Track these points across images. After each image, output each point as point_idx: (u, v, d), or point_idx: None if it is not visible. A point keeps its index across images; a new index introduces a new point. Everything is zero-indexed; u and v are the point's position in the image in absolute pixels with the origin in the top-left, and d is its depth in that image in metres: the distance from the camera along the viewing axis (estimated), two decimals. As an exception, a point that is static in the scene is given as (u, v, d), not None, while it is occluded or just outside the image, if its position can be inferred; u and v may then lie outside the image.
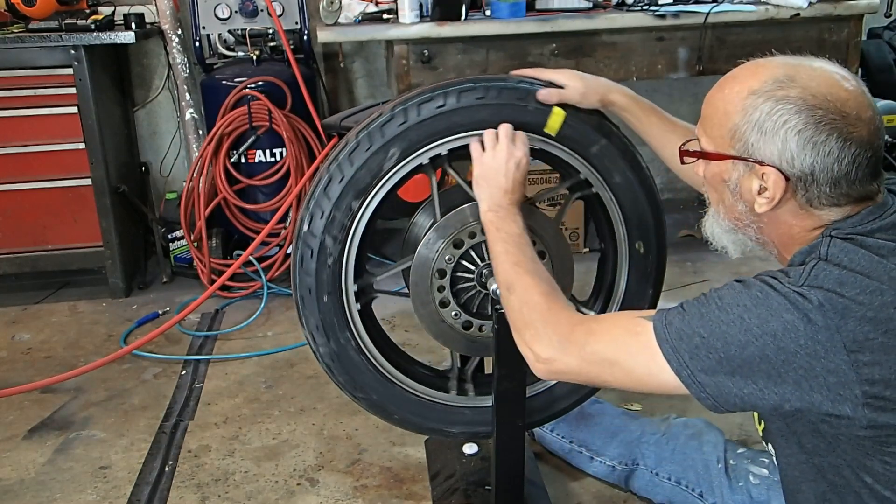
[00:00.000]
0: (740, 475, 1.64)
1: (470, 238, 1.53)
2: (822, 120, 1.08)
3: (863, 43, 3.16)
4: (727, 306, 1.10)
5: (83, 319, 2.91)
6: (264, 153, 3.06)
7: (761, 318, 1.06)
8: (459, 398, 1.65)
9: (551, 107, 1.49)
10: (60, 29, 2.81)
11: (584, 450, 1.87)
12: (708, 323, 1.10)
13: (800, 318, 1.04)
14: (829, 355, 1.04)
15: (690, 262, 3.13)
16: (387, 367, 1.60)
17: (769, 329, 1.06)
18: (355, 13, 2.88)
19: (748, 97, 1.13)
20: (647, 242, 1.60)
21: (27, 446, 2.14)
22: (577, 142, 1.52)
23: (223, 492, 1.92)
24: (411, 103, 1.46)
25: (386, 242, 3.43)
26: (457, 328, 1.58)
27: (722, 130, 1.17)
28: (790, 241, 1.18)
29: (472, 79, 1.48)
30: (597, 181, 1.56)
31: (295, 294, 1.54)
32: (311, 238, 1.49)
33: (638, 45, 2.87)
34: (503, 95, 1.47)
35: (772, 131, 1.10)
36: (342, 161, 1.47)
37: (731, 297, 1.11)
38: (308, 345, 1.58)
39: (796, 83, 1.10)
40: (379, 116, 1.47)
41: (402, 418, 1.64)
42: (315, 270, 1.50)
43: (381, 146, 1.46)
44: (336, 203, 1.47)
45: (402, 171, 1.49)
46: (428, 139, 1.47)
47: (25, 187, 2.95)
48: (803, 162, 1.09)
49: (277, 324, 2.82)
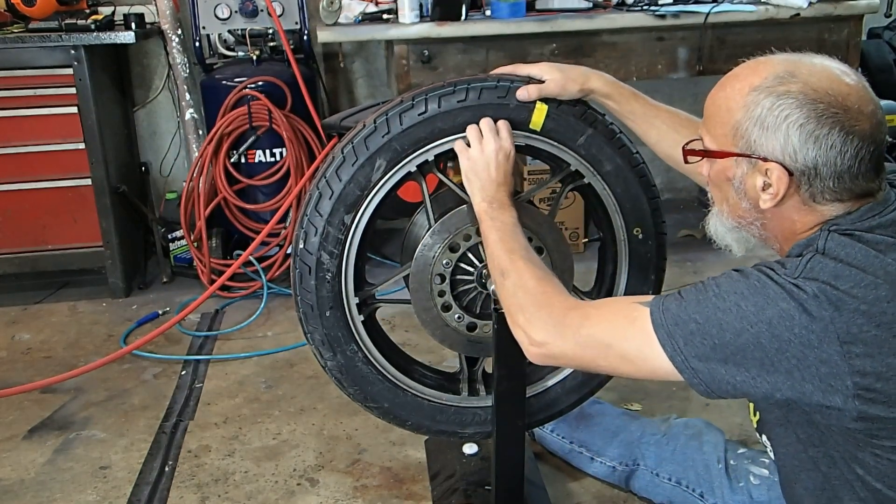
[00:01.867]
0: (741, 475, 1.64)
1: (465, 241, 1.53)
2: (824, 114, 1.08)
3: (863, 43, 3.16)
4: (724, 294, 1.10)
5: (83, 319, 2.91)
6: (264, 153, 3.06)
7: (757, 306, 1.07)
8: (471, 399, 1.66)
9: (534, 102, 1.49)
10: (60, 29, 2.81)
11: (584, 450, 1.86)
12: (704, 309, 1.11)
13: (795, 308, 1.05)
14: (822, 345, 1.04)
15: (690, 262, 3.12)
16: (396, 375, 1.61)
17: (764, 317, 1.06)
18: (355, 13, 2.88)
19: (749, 94, 1.13)
20: (645, 227, 1.60)
21: (27, 446, 2.14)
22: (562, 133, 1.51)
23: (223, 492, 1.92)
24: (392, 113, 1.46)
25: (386, 242, 3.44)
26: (460, 331, 1.58)
27: (725, 128, 1.17)
28: (793, 237, 1.18)
29: (452, 82, 1.48)
30: (587, 171, 1.55)
31: (298, 311, 1.54)
32: (307, 256, 1.49)
33: (638, 45, 2.88)
34: (484, 96, 1.47)
35: (774, 126, 1.11)
36: (330, 177, 1.47)
37: (728, 285, 1.11)
38: (316, 359, 1.58)
39: (797, 78, 1.11)
40: (362, 129, 1.47)
41: (416, 423, 1.66)
42: (315, 287, 1.51)
43: (367, 159, 1.46)
44: (328, 219, 1.48)
45: (391, 181, 1.49)
46: (413, 147, 1.47)
47: (25, 187, 2.95)
48: (806, 156, 1.10)
49: (277, 324, 2.82)
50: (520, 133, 1.49)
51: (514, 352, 1.32)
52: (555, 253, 1.58)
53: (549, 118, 1.50)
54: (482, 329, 1.58)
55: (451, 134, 1.47)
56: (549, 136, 1.51)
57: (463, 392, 1.66)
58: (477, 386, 1.68)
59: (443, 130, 1.47)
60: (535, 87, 1.48)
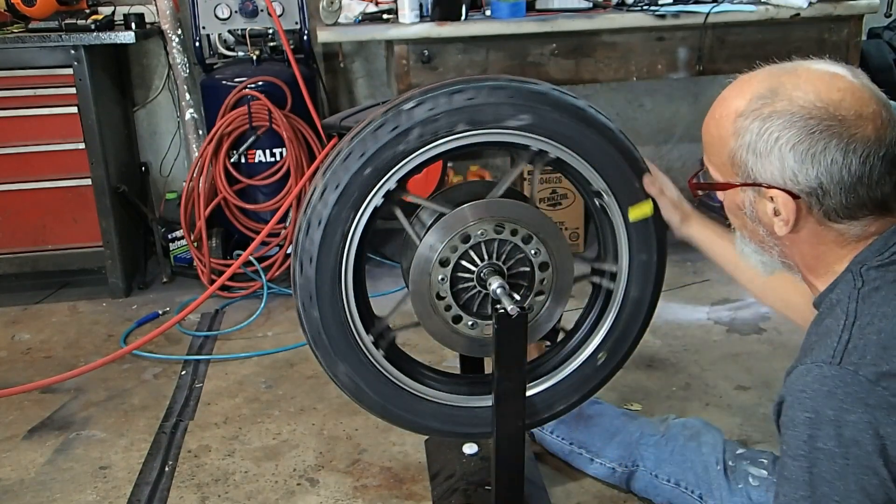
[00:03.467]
0: (739, 477, 1.64)
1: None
2: (816, 129, 1.03)
3: (863, 43, 3.16)
4: (798, 451, 1.03)
5: (83, 319, 2.91)
6: (264, 153, 3.06)
7: (832, 435, 0.99)
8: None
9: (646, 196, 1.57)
10: (60, 29, 2.81)
11: (583, 451, 1.86)
12: (802, 486, 1.03)
13: (863, 412, 0.97)
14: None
15: (690, 262, 3.12)
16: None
17: (848, 438, 0.99)
18: (355, 13, 2.88)
19: (736, 120, 1.09)
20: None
21: (27, 446, 2.14)
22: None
23: (223, 492, 1.92)
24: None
25: (386, 242, 3.43)
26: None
27: (722, 157, 1.14)
28: (814, 263, 1.14)
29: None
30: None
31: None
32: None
33: (638, 45, 2.87)
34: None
35: (766, 152, 1.06)
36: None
37: (793, 439, 1.03)
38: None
39: (780, 96, 1.06)
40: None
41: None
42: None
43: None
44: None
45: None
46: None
47: (25, 187, 2.95)
48: (807, 176, 1.04)
49: (277, 324, 2.82)
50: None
51: (514, 352, 1.32)
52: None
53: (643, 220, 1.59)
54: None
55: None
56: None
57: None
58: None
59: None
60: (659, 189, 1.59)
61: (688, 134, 3.78)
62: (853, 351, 1.00)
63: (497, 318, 1.46)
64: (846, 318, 1.03)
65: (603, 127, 1.56)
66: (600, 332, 1.69)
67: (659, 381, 2.33)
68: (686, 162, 3.82)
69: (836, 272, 1.13)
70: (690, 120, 3.77)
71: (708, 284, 2.94)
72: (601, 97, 3.68)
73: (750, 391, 2.26)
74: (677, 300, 2.78)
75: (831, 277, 1.13)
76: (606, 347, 1.70)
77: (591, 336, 1.70)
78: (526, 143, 1.53)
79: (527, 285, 1.59)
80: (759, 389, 2.26)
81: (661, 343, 2.54)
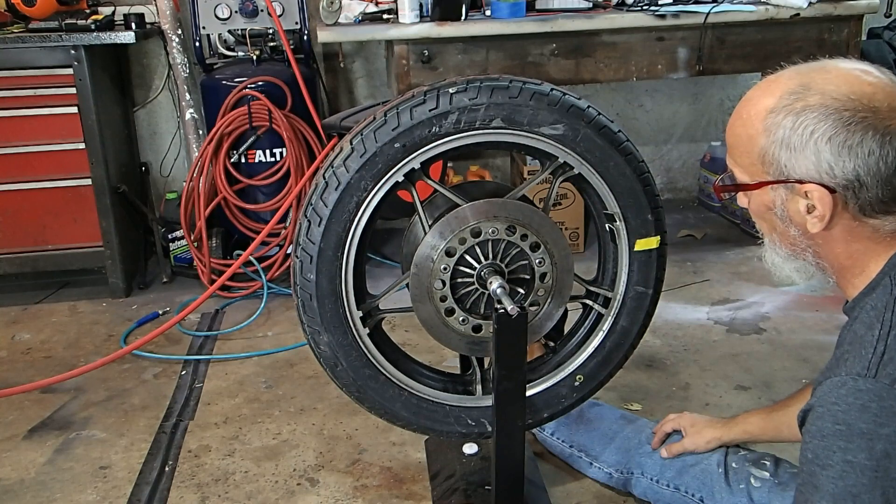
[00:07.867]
0: (741, 478, 1.62)
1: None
2: (852, 120, 1.02)
3: (863, 43, 3.16)
4: (829, 460, 1.02)
5: (83, 319, 2.91)
6: (264, 153, 3.06)
7: (865, 448, 0.99)
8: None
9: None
10: (60, 29, 2.81)
11: (583, 455, 1.85)
12: (825, 493, 1.03)
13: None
14: None
15: (690, 262, 3.12)
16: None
17: (879, 452, 0.99)
18: (355, 13, 2.88)
19: (767, 117, 1.08)
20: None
21: (27, 446, 2.14)
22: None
23: (223, 492, 1.92)
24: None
25: (386, 242, 3.44)
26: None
27: (751, 157, 1.11)
28: (848, 263, 1.12)
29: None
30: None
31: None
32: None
33: (638, 45, 2.88)
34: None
35: (801, 146, 1.05)
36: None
37: (822, 449, 1.03)
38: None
39: (813, 90, 1.05)
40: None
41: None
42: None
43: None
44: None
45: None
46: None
47: (25, 187, 2.95)
48: (844, 169, 1.03)
49: (277, 324, 2.82)
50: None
51: (514, 351, 1.32)
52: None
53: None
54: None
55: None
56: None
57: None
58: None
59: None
60: (679, 446, 1.70)
61: (688, 134, 3.78)
62: (889, 363, 0.99)
63: (497, 318, 1.46)
64: (881, 328, 1.02)
65: (630, 155, 1.57)
66: (583, 354, 1.70)
67: (659, 380, 2.33)
68: (686, 162, 3.81)
69: (870, 273, 1.11)
70: (690, 120, 3.77)
71: (708, 284, 2.94)
72: (601, 97, 3.68)
73: (750, 391, 2.26)
74: (677, 300, 2.78)
75: (865, 280, 1.12)
76: (585, 371, 1.70)
77: (574, 357, 1.71)
78: (554, 153, 1.54)
79: (522, 294, 1.60)
80: (759, 389, 2.26)
81: (661, 343, 2.54)
